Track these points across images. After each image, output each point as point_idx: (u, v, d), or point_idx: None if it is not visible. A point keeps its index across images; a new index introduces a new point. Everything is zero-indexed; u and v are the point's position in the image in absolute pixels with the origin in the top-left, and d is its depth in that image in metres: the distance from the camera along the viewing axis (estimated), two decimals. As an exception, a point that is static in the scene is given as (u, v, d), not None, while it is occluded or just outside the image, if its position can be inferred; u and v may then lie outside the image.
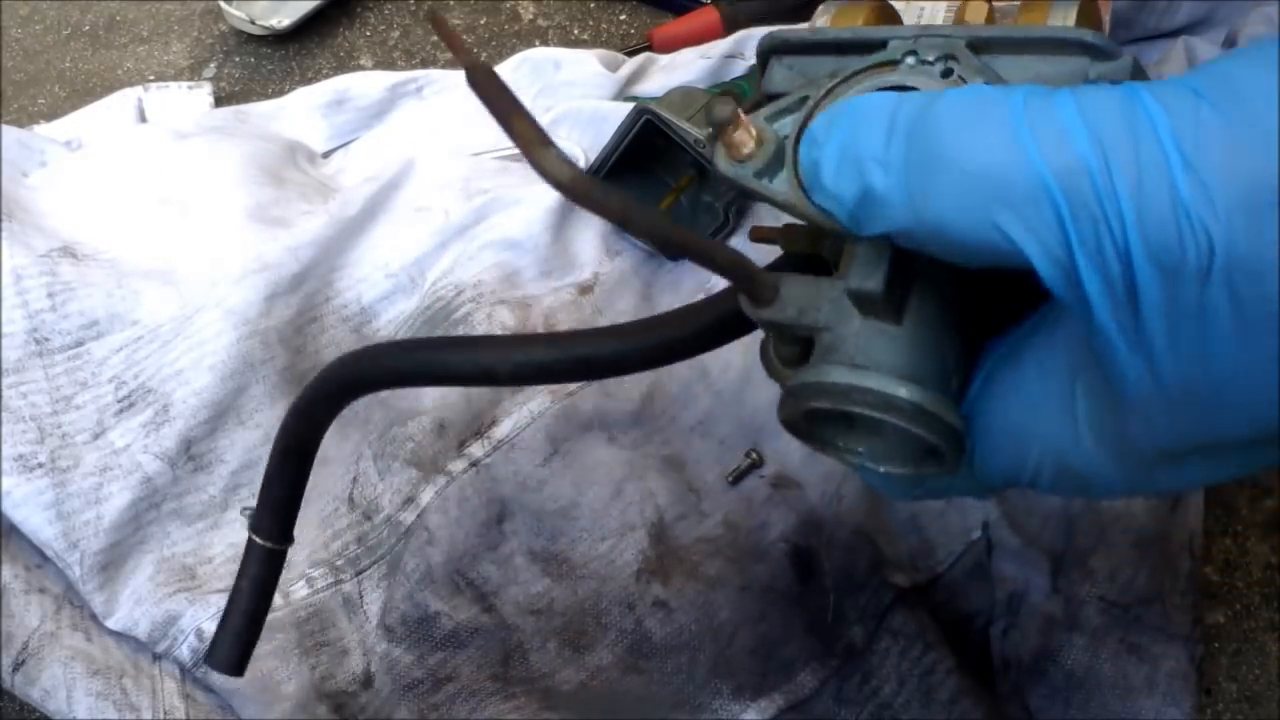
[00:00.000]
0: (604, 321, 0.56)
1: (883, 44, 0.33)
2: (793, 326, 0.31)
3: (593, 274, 0.57)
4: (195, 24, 0.80)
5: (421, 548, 0.51)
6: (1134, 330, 0.23)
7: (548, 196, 0.57)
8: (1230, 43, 0.60)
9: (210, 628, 0.48)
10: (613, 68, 0.67)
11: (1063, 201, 0.23)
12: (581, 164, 0.57)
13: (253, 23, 0.75)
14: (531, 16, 0.79)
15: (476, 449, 0.52)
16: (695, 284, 0.58)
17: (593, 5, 0.78)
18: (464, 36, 0.78)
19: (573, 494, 0.52)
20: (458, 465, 0.52)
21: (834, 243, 0.32)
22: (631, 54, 0.70)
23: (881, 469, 0.30)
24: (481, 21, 0.79)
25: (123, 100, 0.71)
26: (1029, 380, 0.28)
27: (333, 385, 0.37)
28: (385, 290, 0.56)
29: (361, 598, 0.51)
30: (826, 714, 0.49)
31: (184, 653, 0.49)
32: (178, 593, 0.49)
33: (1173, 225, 0.22)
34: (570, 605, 0.50)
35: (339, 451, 0.54)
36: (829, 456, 0.32)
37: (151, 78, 0.78)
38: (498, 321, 0.54)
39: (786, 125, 0.32)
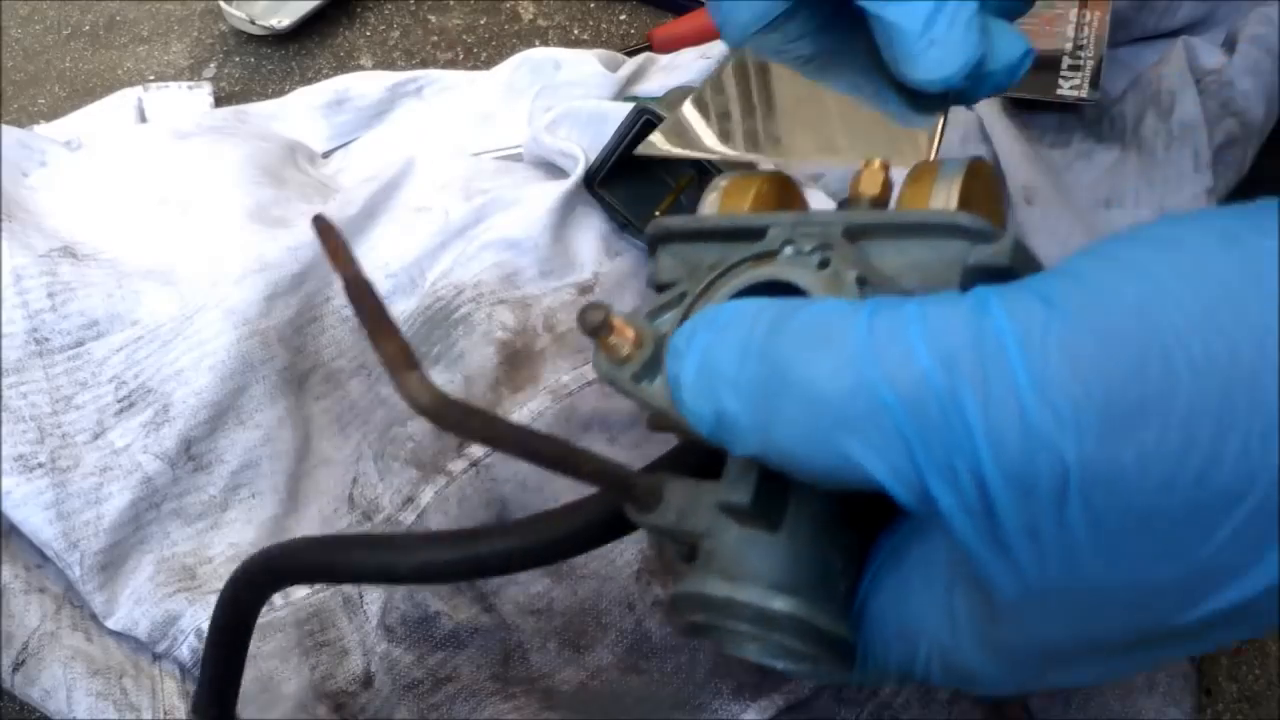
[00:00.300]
0: (604, 321, 0.56)
1: (762, 232, 0.32)
2: (673, 532, 0.30)
3: (593, 274, 0.57)
4: (195, 24, 0.80)
5: (421, 548, 0.51)
6: (995, 542, 0.22)
7: (548, 196, 0.57)
8: (1230, 43, 0.60)
9: (210, 628, 0.48)
10: (613, 68, 0.67)
11: (909, 424, 0.22)
12: (581, 164, 0.57)
13: (253, 23, 0.75)
14: (531, 16, 0.79)
15: (477, 449, 0.52)
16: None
17: (593, 5, 0.78)
18: (464, 36, 0.78)
19: (572, 494, 0.52)
20: (458, 465, 0.52)
21: None
22: (631, 54, 0.70)
23: (779, 665, 0.29)
24: (481, 21, 0.79)
25: (123, 100, 0.71)
26: (912, 580, 0.27)
27: (255, 575, 0.37)
28: (385, 290, 0.56)
29: (361, 598, 0.51)
30: (826, 714, 0.49)
31: (184, 653, 0.49)
32: (178, 593, 0.49)
33: (1023, 446, 0.21)
34: (570, 605, 0.50)
35: (339, 452, 0.54)
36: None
37: (151, 78, 0.78)
38: (498, 321, 0.54)
39: (668, 321, 0.32)
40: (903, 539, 0.28)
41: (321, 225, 0.29)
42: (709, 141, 0.39)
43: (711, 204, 0.36)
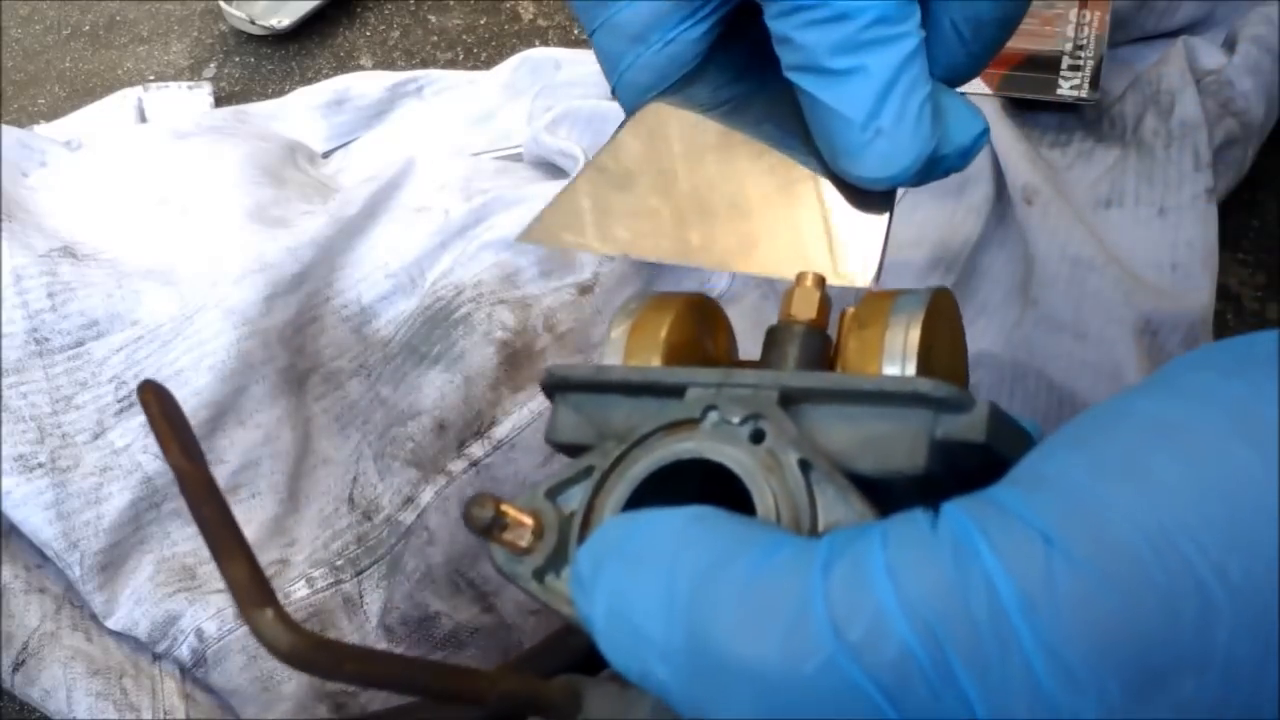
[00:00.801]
0: (603, 322, 0.56)
1: (679, 390, 0.27)
2: None
3: (593, 274, 0.57)
4: (195, 24, 0.80)
5: (421, 548, 0.51)
6: None
7: (548, 196, 0.56)
8: (1230, 43, 0.60)
9: (210, 628, 0.48)
10: (613, 68, 0.67)
11: (887, 705, 0.18)
12: (581, 164, 0.57)
13: (253, 23, 0.75)
14: (531, 16, 0.79)
15: (476, 449, 0.52)
16: (695, 283, 0.58)
17: (593, 5, 0.78)
18: (464, 36, 0.78)
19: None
20: (458, 465, 0.52)
21: None
22: (631, 54, 0.70)
23: None
24: (481, 21, 0.79)
25: (123, 100, 0.71)
26: None
27: None
28: (385, 290, 0.56)
29: (361, 598, 0.51)
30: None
31: (184, 653, 0.49)
32: (178, 593, 0.49)
33: (1038, 714, 0.18)
34: (570, 605, 0.50)
35: (339, 452, 0.54)
36: None
37: (151, 78, 0.78)
38: (498, 321, 0.54)
39: (574, 498, 0.27)
40: None
41: (148, 397, 0.25)
42: (604, 234, 0.33)
43: (617, 342, 0.31)
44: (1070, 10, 0.64)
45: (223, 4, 0.75)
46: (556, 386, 0.30)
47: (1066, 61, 0.62)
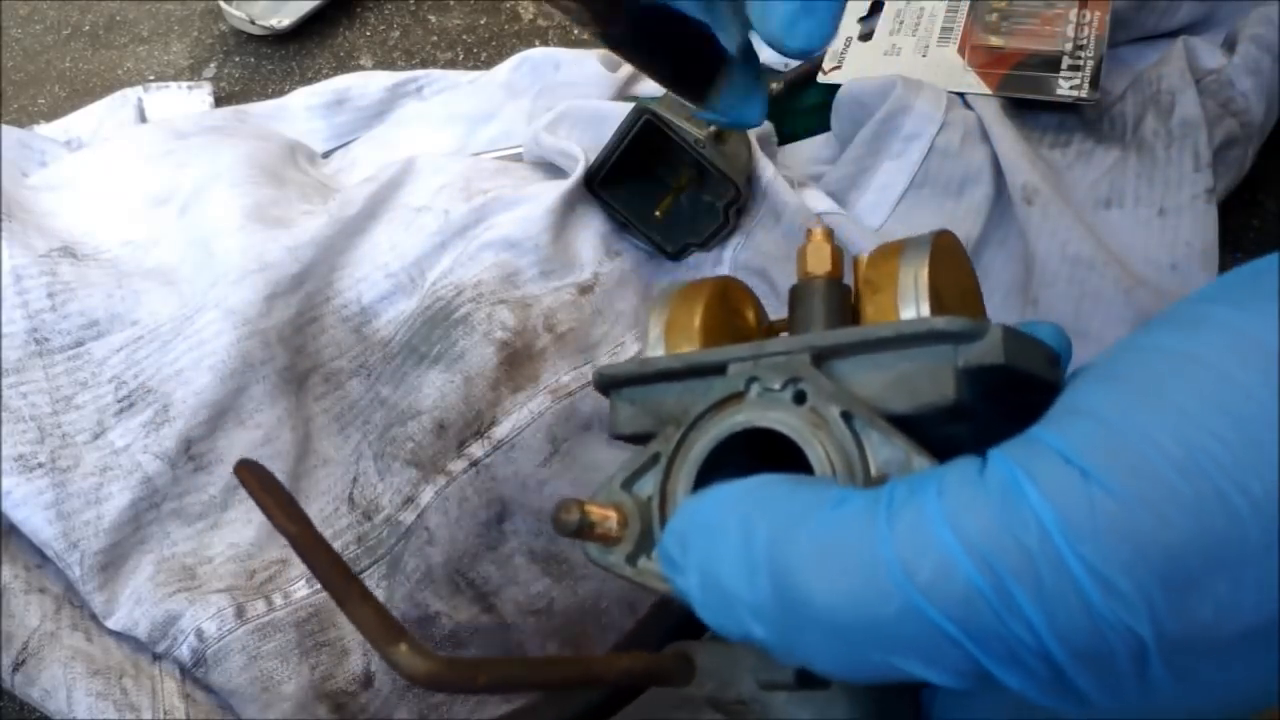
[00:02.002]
0: (603, 322, 0.56)
1: (720, 368, 0.30)
2: (715, 701, 0.28)
3: (593, 274, 0.57)
4: (195, 24, 0.80)
5: (421, 548, 0.51)
6: (1073, 701, 0.21)
7: (548, 196, 0.57)
8: (1230, 43, 0.60)
9: (210, 628, 0.48)
10: (613, 68, 0.67)
11: (963, 636, 0.21)
12: (581, 164, 0.57)
13: (253, 23, 0.75)
14: (531, 16, 0.79)
15: (476, 449, 0.52)
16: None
17: (593, 5, 0.78)
18: (464, 36, 0.78)
19: (573, 494, 0.52)
20: (458, 465, 0.52)
21: None
22: (631, 54, 0.70)
23: None
24: (481, 21, 0.79)
25: (123, 100, 0.71)
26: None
27: None
28: (385, 290, 0.56)
29: (361, 598, 0.51)
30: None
31: (184, 653, 0.49)
32: (178, 593, 0.49)
33: (1091, 631, 0.20)
34: (570, 605, 0.50)
35: (339, 452, 0.54)
36: None
37: (151, 78, 0.78)
38: (498, 321, 0.54)
39: (648, 484, 0.30)
40: (957, 703, 0.26)
41: (244, 474, 0.27)
42: None
43: (656, 334, 0.33)
44: (1070, 10, 0.64)
45: (223, 4, 0.75)
46: (609, 384, 0.33)
47: (1066, 61, 0.62)
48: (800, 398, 0.28)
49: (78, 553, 0.48)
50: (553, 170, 0.61)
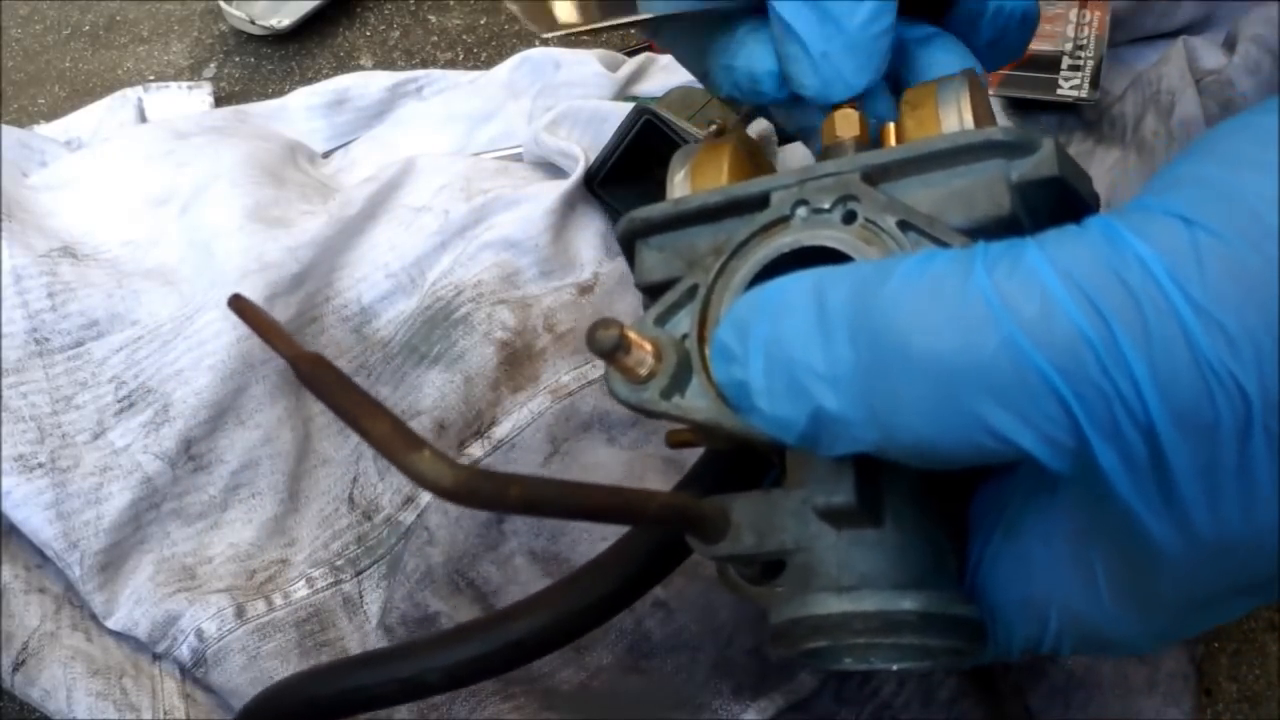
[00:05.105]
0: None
1: (764, 199, 0.28)
2: (755, 556, 0.27)
3: (593, 274, 0.57)
4: (195, 24, 0.80)
5: (421, 548, 0.51)
6: (1162, 498, 0.20)
7: (548, 196, 0.57)
8: (1230, 43, 0.60)
9: (210, 628, 0.48)
10: (613, 68, 0.67)
11: (1064, 386, 0.20)
12: (581, 164, 0.57)
13: (253, 23, 0.75)
14: (531, 16, 0.79)
15: (476, 449, 0.52)
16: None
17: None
18: (464, 36, 0.78)
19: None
20: (458, 465, 0.52)
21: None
22: (631, 54, 0.70)
23: (895, 668, 0.27)
24: (481, 21, 0.79)
25: (123, 100, 0.71)
26: (1034, 551, 0.25)
27: None
28: (385, 290, 0.56)
29: (361, 598, 0.51)
30: (826, 714, 0.49)
31: (184, 653, 0.49)
32: (178, 593, 0.49)
33: (1199, 384, 0.19)
34: (570, 605, 0.50)
35: (339, 452, 0.54)
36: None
37: (151, 78, 0.78)
38: (498, 321, 0.54)
39: (682, 322, 0.28)
40: (1015, 512, 0.25)
41: (240, 304, 0.25)
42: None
43: (682, 184, 0.32)
44: (1070, 10, 0.64)
45: (223, 4, 0.75)
46: (636, 233, 0.31)
47: (1066, 61, 0.62)
48: (850, 217, 0.27)
49: (78, 553, 0.48)
50: (553, 170, 0.61)
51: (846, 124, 0.30)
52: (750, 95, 0.32)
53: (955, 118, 0.28)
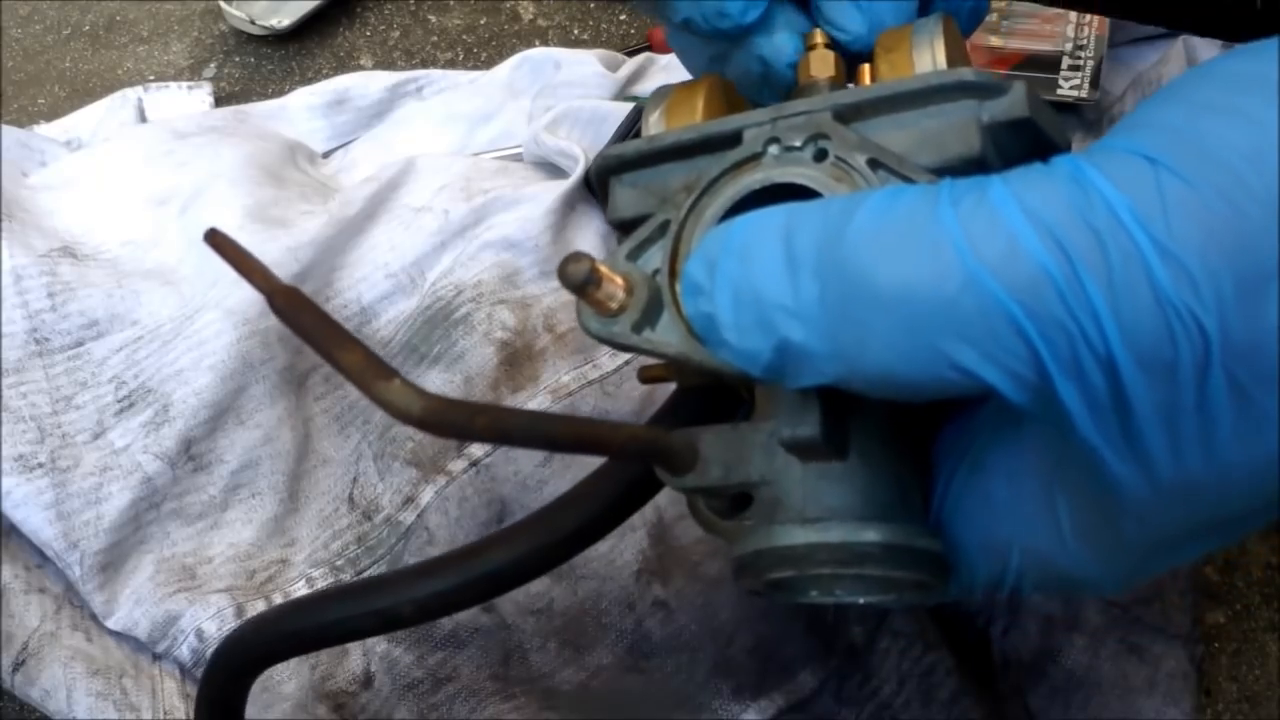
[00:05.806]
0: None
1: (736, 137, 0.28)
2: (722, 488, 0.27)
3: (593, 274, 0.57)
4: (195, 24, 0.80)
5: (421, 548, 0.51)
6: (1124, 438, 0.21)
7: (548, 196, 0.57)
8: (1230, 43, 0.60)
9: (210, 628, 0.48)
10: (613, 68, 0.67)
11: (1026, 321, 0.20)
12: (581, 164, 0.57)
13: (253, 23, 0.75)
14: (531, 16, 0.79)
15: (476, 448, 0.52)
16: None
17: (593, 5, 0.78)
18: (464, 36, 0.78)
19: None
20: (458, 465, 0.52)
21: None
22: (631, 54, 0.70)
23: (861, 601, 0.27)
24: (481, 21, 0.79)
25: (123, 100, 0.71)
26: (997, 489, 0.25)
27: (233, 662, 0.33)
28: (385, 290, 0.56)
29: (361, 598, 0.51)
30: (826, 714, 0.49)
31: (184, 653, 0.49)
32: (178, 593, 0.49)
33: (1159, 323, 0.19)
34: (570, 605, 0.50)
35: (339, 451, 0.54)
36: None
37: (151, 78, 0.78)
38: (498, 321, 0.54)
39: (654, 257, 0.28)
40: (980, 448, 0.26)
41: (216, 239, 0.26)
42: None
43: (657, 122, 0.32)
44: (1070, 10, 0.64)
45: (223, 4, 0.75)
46: (610, 170, 0.31)
47: (1066, 61, 0.62)
48: (821, 155, 0.27)
49: (78, 553, 0.48)
50: (553, 170, 0.61)
51: (822, 64, 0.31)
52: (713, 18, 0.32)
53: (929, 59, 0.28)
